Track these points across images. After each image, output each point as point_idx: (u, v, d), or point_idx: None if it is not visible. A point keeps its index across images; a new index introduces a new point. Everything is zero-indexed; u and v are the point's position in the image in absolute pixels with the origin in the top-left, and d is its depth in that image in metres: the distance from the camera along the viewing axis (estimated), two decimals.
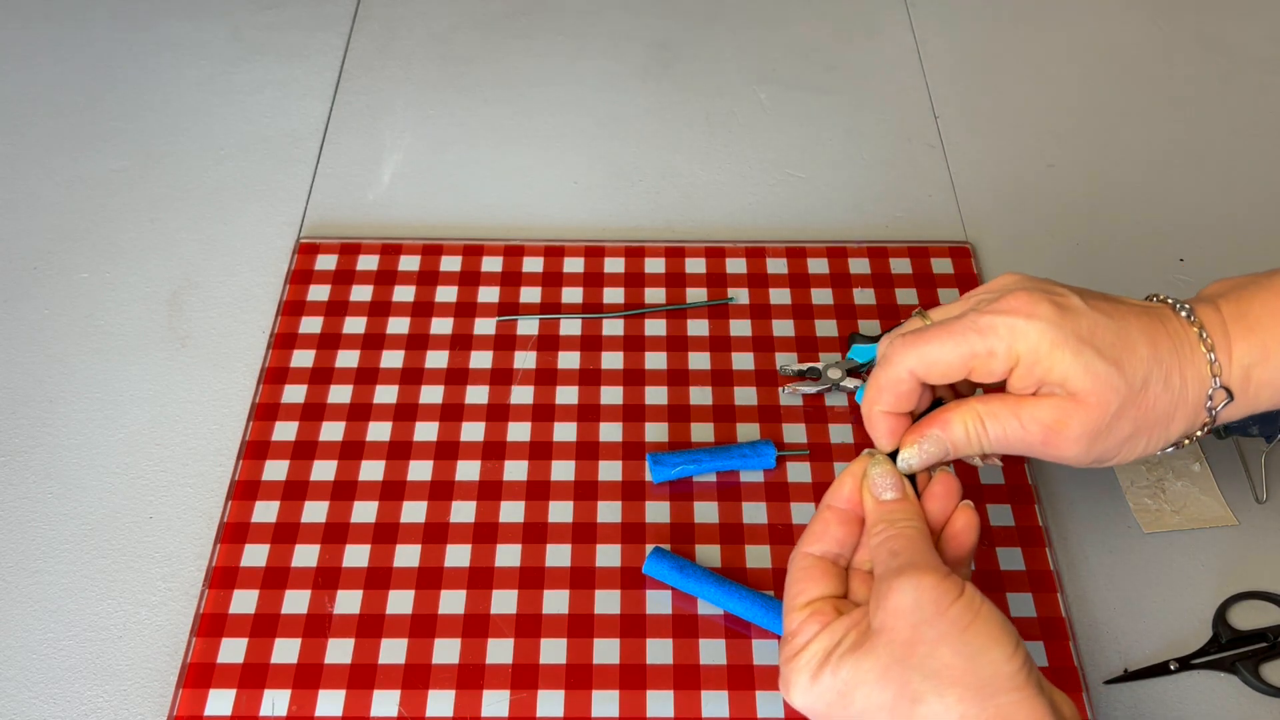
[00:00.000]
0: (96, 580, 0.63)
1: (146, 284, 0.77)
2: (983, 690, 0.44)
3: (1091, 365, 0.49)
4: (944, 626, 0.45)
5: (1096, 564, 0.64)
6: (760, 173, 0.85)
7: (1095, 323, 0.50)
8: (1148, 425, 0.51)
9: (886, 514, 0.50)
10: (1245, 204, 0.82)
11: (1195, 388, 0.51)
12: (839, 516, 0.52)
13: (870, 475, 0.51)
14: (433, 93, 0.91)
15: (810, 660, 0.47)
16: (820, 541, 0.51)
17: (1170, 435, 0.52)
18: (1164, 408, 0.51)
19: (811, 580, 0.50)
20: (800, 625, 0.48)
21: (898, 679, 0.45)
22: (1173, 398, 0.51)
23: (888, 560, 0.48)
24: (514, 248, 0.79)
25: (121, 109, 0.89)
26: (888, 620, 0.46)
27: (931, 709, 0.44)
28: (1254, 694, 0.59)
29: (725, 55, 0.94)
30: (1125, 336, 0.50)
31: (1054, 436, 0.50)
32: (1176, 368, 0.51)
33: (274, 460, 0.67)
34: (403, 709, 0.58)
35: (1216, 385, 0.51)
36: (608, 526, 0.65)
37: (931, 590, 0.46)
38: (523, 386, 0.71)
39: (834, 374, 0.70)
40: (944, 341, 0.50)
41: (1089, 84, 0.92)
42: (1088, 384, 0.49)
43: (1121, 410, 0.50)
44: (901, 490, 0.51)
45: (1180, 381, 0.51)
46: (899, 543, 0.48)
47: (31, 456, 0.69)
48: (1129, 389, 0.49)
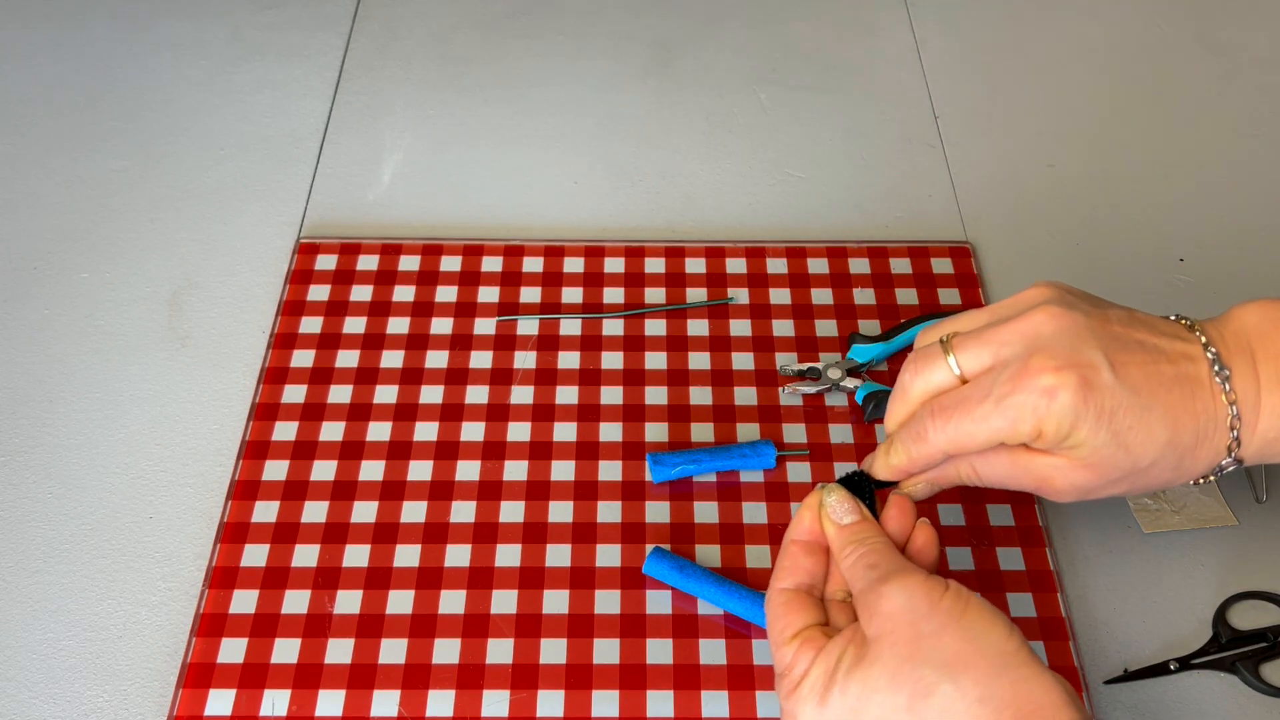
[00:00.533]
0: (96, 580, 0.63)
1: (146, 284, 0.77)
2: (992, 668, 0.44)
3: (1102, 448, 0.50)
4: (940, 618, 0.45)
5: (1096, 564, 0.64)
6: (760, 173, 0.85)
7: (1119, 403, 0.49)
8: (1142, 489, 0.53)
9: (852, 535, 0.51)
10: (1245, 204, 0.82)
11: (1206, 463, 0.52)
12: (804, 548, 0.52)
13: (827, 504, 0.52)
14: (433, 93, 0.91)
15: (813, 687, 0.47)
16: (792, 576, 0.51)
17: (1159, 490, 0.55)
18: (1165, 481, 0.52)
19: (793, 613, 0.50)
20: (794, 657, 0.48)
21: (909, 677, 0.45)
22: (1178, 475, 0.52)
23: (866, 573, 0.48)
24: (514, 248, 0.79)
25: (121, 109, 0.89)
26: (884, 625, 0.46)
27: (946, 696, 0.44)
28: (1254, 694, 0.59)
29: (725, 55, 0.94)
30: (1145, 420, 0.50)
31: (1046, 487, 0.52)
32: (1191, 451, 0.51)
33: (274, 460, 0.67)
34: (403, 709, 0.58)
35: (1230, 458, 0.52)
36: (608, 526, 0.65)
37: (921, 587, 0.47)
38: (523, 386, 0.71)
39: (834, 374, 0.70)
40: (974, 425, 0.50)
41: (1089, 84, 0.92)
42: (1092, 458, 0.50)
43: (1118, 480, 0.51)
44: (859, 513, 0.52)
45: (1192, 463, 0.52)
46: (874, 556, 0.49)
47: (31, 456, 0.69)
48: (1133, 468, 0.51)
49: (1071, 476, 0.51)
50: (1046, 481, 0.52)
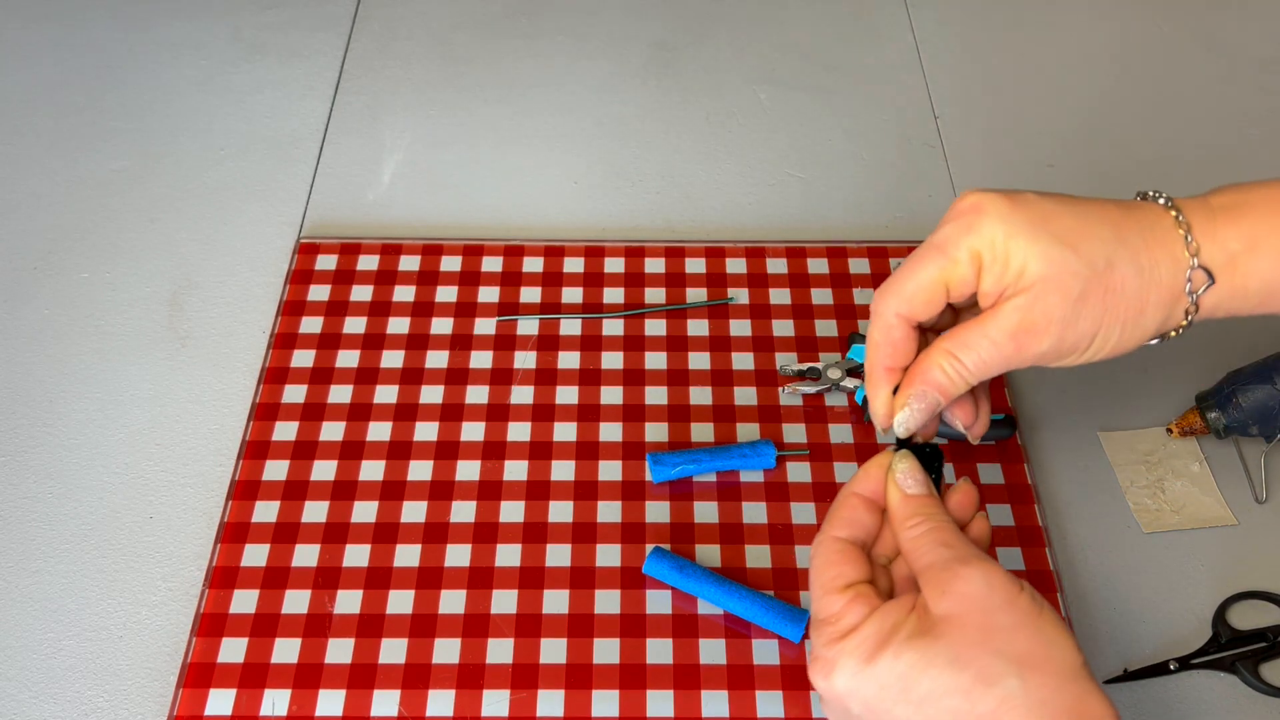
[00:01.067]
0: (96, 580, 0.63)
1: (146, 284, 0.77)
2: (1061, 676, 0.44)
3: (1047, 250, 0.48)
4: (1017, 615, 0.45)
5: (1096, 564, 0.64)
6: (760, 173, 0.85)
7: (1050, 210, 0.49)
8: (1118, 310, 0.49)
9: (920, 508, 0.49)
10: None
11: (1169, 269, 0.49)
12: (866, 504, 0.51)
13: (896, 469, 0.50)
14: (433, 93, 0.91)
15: (863, 643, 0.46)
16: (849, 527, 0.50)
17: (1146, 323, 0.50)
18: (1134, 290, 0.49)
19: (848, 563, 0.49)
20: (845, 607, 0.47)
21: (975, 662, 0.44)
22: (1143, 280, 0.49)
23: (939, 550, 0.47)
24: (514, 248, 0.79)
25: (121, 109, 0.89)
26: (956, 605, 0.45)
27: (1011, 690, 0.43)
28: (1254, 694, 0.59)
29: (725, 55, 0.94)
30: (1084, 220, 0.49)
31: (1024, 337, 0.49)
32: (1145, 249, 0.49)
33: (274, 460, 0.68)
34: (403, 709, 0.58)
35: (1195, 265, 0.49)
36: (608, 526, 0.65)
37: (1000, 580, 0.46)
38: (523, 386, 0.71)
39: (834, 374, 0.70)
40: (913, 270, 0.50)
41: (1089, 84, 0.92)
42: (1044, 269, 0.48)
43: (1085, 293, 0.48)
44: (928, 487, 0.50)
45: (1150, 262, 0.49)
46: (947, 534, 0.48)
47: (31, 456, 0.69)
48: (1090, 270, 0.48)
49: (1039, 307, 0.48)
50: (1020, 328, 0.49)
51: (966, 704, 0.44)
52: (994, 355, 0.49)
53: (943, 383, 0.50)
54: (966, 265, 0.49)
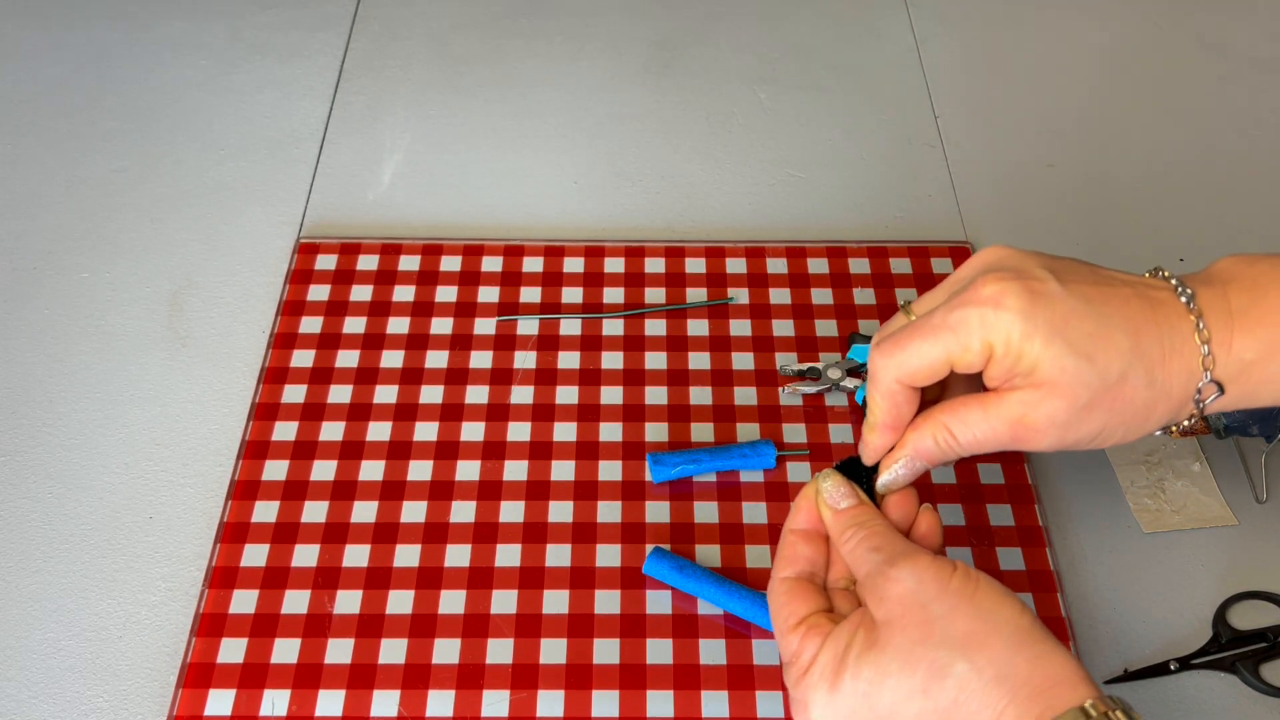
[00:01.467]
0: (96, 580, 0.63)
1: (146, 284, 0.77)
2: (1008, 646, 0.44)
3: (1060, 358, 0.47)
4: (951, 599, 0.45)
5: (1096, 564, 0.64)
6: (760, 173, 0.85)
7: (1071, 311, 0.48)
8: (1123, 418, 0.49)
9: (851, 519, 0.50)
10: (1245, 204, 0.82)
11: (1182, 382, 0.49)
12: (803, 537, 0.52)
13: (823, 489, 0.51)
14: (433, 93, 0.91)
15: (823, 673, 0.46)
16: (792, 565, 0.51)
17: (1149, 427, 0.50)
18: (1142, 402, 0.49)
19: (796, 601, 0.49)
20: (800, 644, 0.48)
21: (922, 659, 0.44)
22: (1155, 393, 0.49)
23: (870, 556, 0.48)
24: (514, 248, 0.79)
25: (121, 109, 0.89)
26: (893, 609, 0.46)
27: (962, 676, 0.43)
28: (1254, 694, 0.59)
29: (725, 55, 0.94)
30: (1104, 327, 0.48)
31: (1022, 431, 0.49)
32: (1161, 362, 0.49)
33: (274, 460, 0.67)
34: (403, 709, 0.58)
35: (1207, 379, 0.49)
36: (608, 526, 0.65)
37: (929, 568, 0.46)
38: (523, 386, 0.71)
39: (834, 374, 0.70)
40: (919, 345, 0.49)
41: (1089, 84, 0.92)
42: (1055, 376, 0.47)
43: (1092, 403, 0.48)
44: (856, 497, 0.51)
45: (1164, 376, 0.49)
46: (876, 539, 0.49)
47: (31, 456, 0.69)
48: (1101, 383, 0.48)
49: (1043, 408, 0.48)
50: (1020, 422, 0.49)
51: (929, 703, 0.44)
52: (989, 438, 0.50)
53: (932, 452, 0.51)
54: (977, 354, 0.48)
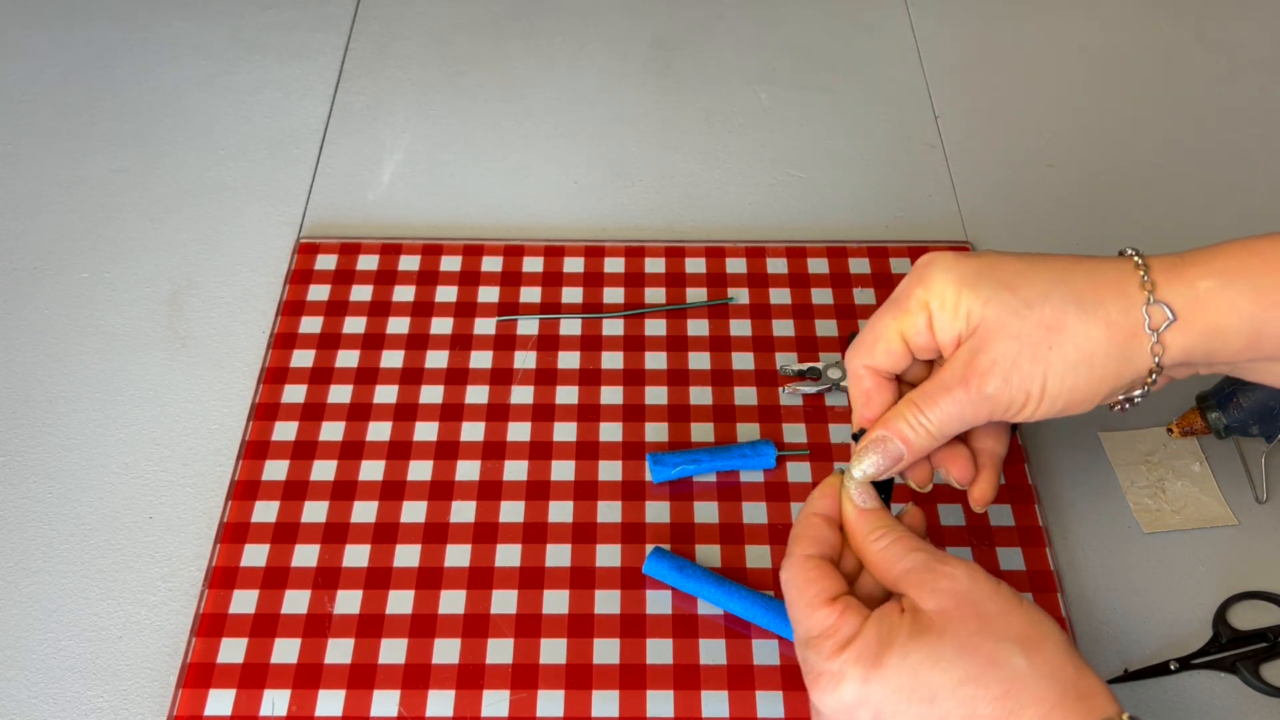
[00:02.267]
0: (96, 580, 0.63)
1: (146, 284, 0.77)
2: (1059, 652, 0.46)
3: (989, 295, 0.49)
4: (1003, 602, 0.47)
5: (1096, 564, 0.64)
6: (760, 173, 0.85)
7: (998, 260, 0.50)
8: (1065, 350, 0.48)
9: (879, 521, 0.51)
10: (1245, 204, 0.82)
11: (1119, 305, 0.48)
12: (828, 522, 0.52)
13: (849, 487, 0.52)
14: (433, 93, 0.91)
15: (866, 649, 0.46)
16: (818, 545, 0.51)
17: (1100, 366, 0.49)
18: (1078, 327, 0.48)
19: (826, 579, 0.49)
20: (840, 619, 0.47)
21: (980, 648, 0.45)
22: (1087, 316, 0.48)
23: (914, 555, 0.49)
24: (514, 248, 0.79)
25: (121, 109, 0.89)
26: (946, 601, 0.47)
27: (1018, 669, 0.45)
28: (1254, 694, 0.59)
29: (725, 55, 0.94)
30: (1030, 265, 0.50)
31: (973, 379, 0.49)
32: (1090, 288, 0.49)
33: (274, 460, 0.67)
34: (403, 709, 0.58)
35: (1151, 301, 0.48)
36: (608, 526, 0.65)
37: (982, 573, 0.48)
38: (523, 386, 0.71)
39: (834, 374, 0.70)
40: (872, 324, 0.52)
41: (1089, 84, 0.92)
42: (986, 311, 0.49)
43: (1024, 332, 0.48)
44: (878, 501, 0.52)
45: (1095, 298, 0.48)
46: (913, 541, 0.50)
47: (31, 456, 0.69)
48: (1026, 307, 0.48)
49: (984, 352, 0.48)
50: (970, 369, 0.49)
51: (979, 689, 0.45)
52: (951, 407, 0.50)
53: (907, 435, 0.51)
54: (918, 313, 0.50)
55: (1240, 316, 0.48)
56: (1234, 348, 0.49)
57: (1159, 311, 0.48)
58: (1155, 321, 0.48)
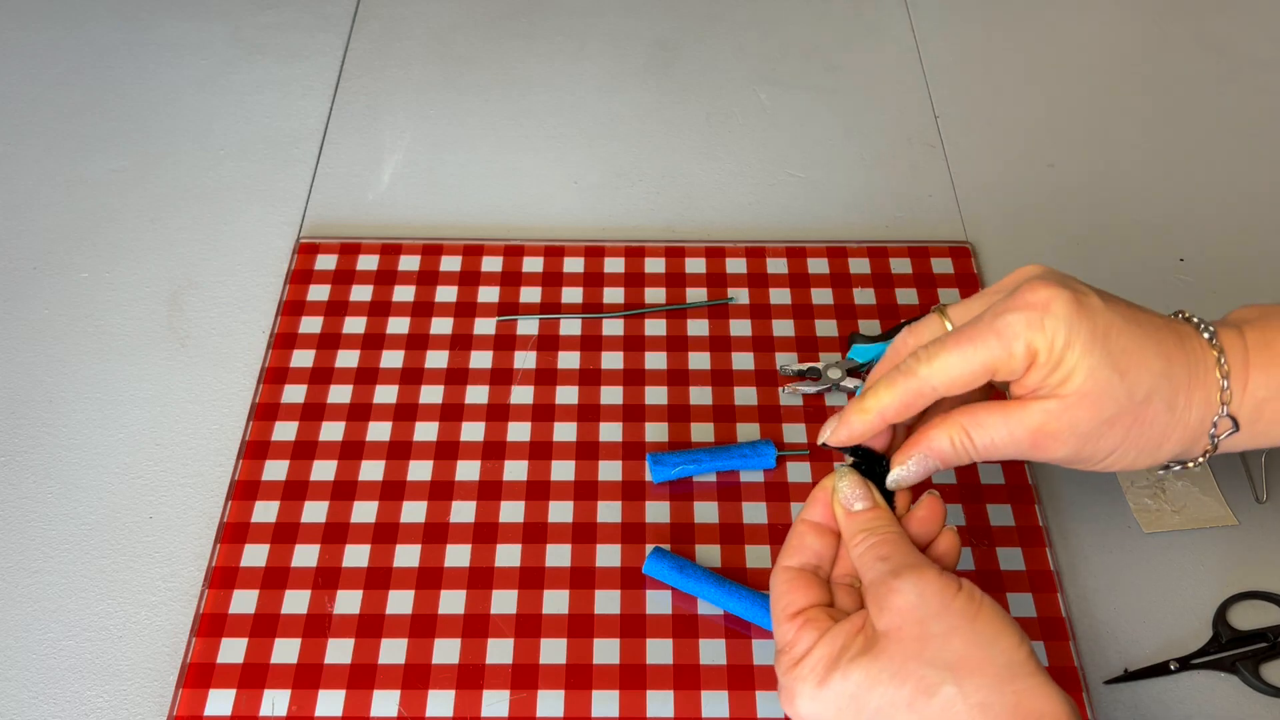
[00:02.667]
0: (96, 580, 0.63)
1: (146, 284, 0.77)
2: (1000, 676, 0.44)
3: (1097, 370, 0.48)
4: (952, 619, 0.45)
5: (1096, 564, 0.64)
6: (760, 173, 0.85)
7: (1111, 325, 0.48)
8: (1140, 441, 0.50)
9: (863, 523, 0.50)
10: (1245, 204, 0.82)
11: (1200, 412, 0.50)
12: (812, 529, 0.52)
13: (839, 489, 0.51)
14: (433, 93, 0.91)
15: (814, 667, 0.47)
16: (798, 554, 0.51)
17: (1161, 456, 0.51)
18: (1161, 427, 0.50)
19: (796, 591, 0.50)
20: (796, 635, 0.48)
21: (914, 674, 0.45)
22: (1173, 418, 0.50)
23: (877, 565, 0.48)
24: (514, 248, 0.79)
25: (121, 109, 0.89)
26: (893, 620, 0.46)
27: (948, 698, 0.44)
28: (1254, 694, 0.59)
29: (725, 55, 0.94)
30: (1140, 345, 0.49)
31: (1042, 439, 0.49)
32: (1185, 389, 0.50)
33: (274, 460, 0.67)
34: (403, 709, 0.58)
35: (1224, 414, 0.50)
36: (608, 526, 0.65)
37: (933, 585, 0.46)
38: (523, 386, 0.71)
39: (834, 374, 0.70)
40: (964, 351, 0.49)
41: (1089, 84, 0.92)
42: (1088, 386, 0.48)
43: (1115, 419, 0.49)
44: (871, 500, 0.51)
45: (1186, 404, 0.50)
46: (885, 548, 0.49)
47: (31, 456, 0.69)
48: (1129, 400, 0.49)
49: (1066, 417, 0.48)
50: (1041, 430, 0.49)
51: (913, 716, 0.45)
52: (1007, 445, 0.50)
53: (947, 454, 0.51)
54: (1020, 360, 0.48)
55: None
56: (1262, 444, 0.52)
57: (1226, 423, 0.51)
58: (1220, 430, 0.51)
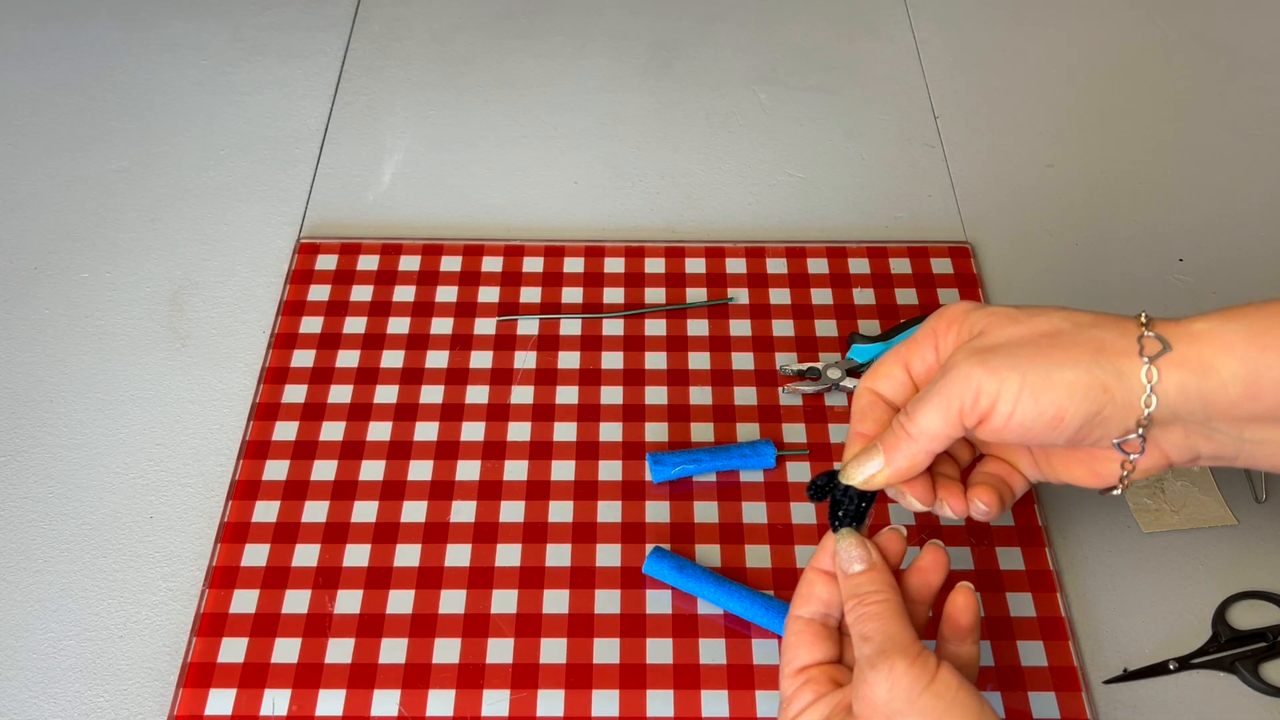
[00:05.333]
0: (96, 580, 0.63)
1: (146, 284, 0.77)
2: None
3: (988, 312, 0.50)
4: (917, 713, 0.46)
5: (1096, 564, 0.64)
6: (760, 173, 0.85)
7: (1007, 306, 0.51)
8: (1057, 352, 0.47)
9: (854, 587, 0.50)
10: (1245, 204, 0.82)
11: (1114, 331, 0.48)
12: (821, 577, 0.52)
13: (838, 550, 0.51)
14: (433, 93, 0.91)
15: None
16: (808, 604, 0.52)
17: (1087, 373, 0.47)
18: (1075, 334, 0.48)
19: (804, 645, 0.50)
20: (795, 692, 0.50)
21: None
22: (1083, 334, 0.48)
23: (862, 646, 0.48)
24: (514, 248, 0.79)
25: (121, 109, 0.89)
26: (864, 709, 0.47)
27: None
28: (1254, 694, 0.59)
29: (725, 55, 0.94)
30: (1036, 307, 0.50)
31: (948, 367, 0.49)
32: (1090, 320, 0.48)
33: (274, 460, 0.68)
34: (403, 709, 0.58)
35: (1145, 334, 0.47)
36: (608, 526, 0.65)
37: (903, 678, 0.46)
38: (523, 386, 0.71)
39: (834, 374, 0.70)
40: (883, 357, 0.53)
41: (1089, 84, 0.92)
42: (984, 319, 0.49)
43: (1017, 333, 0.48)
44: (868, 560, 0.50)
45: (1090, 321, 0.48)
46: (868, 625, 0.48)
47: (31, 456, 0.69)
48: (1025, 315, 0.49)
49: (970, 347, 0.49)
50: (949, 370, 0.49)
51: None
52: (929, 400, 0.49)
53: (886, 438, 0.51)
54: (923, 341, 0.52)
55: (1235, 357, 0.46)
56: (1231, 395, 0.46)
57: (1152, 342, 0.47)
58: (1149, 350, 0.47)
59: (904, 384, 0.52)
